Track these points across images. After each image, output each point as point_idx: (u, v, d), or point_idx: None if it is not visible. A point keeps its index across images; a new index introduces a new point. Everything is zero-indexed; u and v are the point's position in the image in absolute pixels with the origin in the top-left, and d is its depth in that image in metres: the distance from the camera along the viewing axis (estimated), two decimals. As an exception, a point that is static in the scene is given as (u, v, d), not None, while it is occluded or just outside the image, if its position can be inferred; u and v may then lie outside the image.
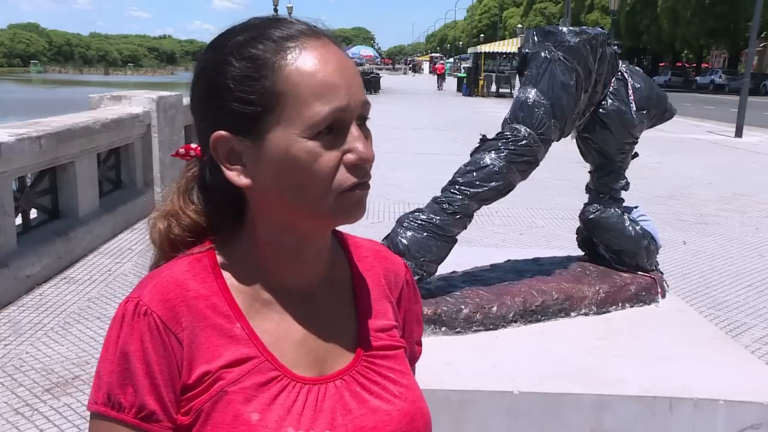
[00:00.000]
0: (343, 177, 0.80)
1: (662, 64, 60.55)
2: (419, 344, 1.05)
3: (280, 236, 0.85)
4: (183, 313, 0.81)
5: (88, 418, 0.83)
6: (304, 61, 0.78)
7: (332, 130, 0.79)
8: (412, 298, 1.02)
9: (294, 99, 0.78)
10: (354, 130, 0.80)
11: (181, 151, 0.90)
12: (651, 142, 11.54)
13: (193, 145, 0.89)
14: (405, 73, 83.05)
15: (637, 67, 2.79)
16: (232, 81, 0.79)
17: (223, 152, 0.82)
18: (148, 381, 0.79)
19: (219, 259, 0.86)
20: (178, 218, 0.88)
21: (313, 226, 0.85)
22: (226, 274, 0.85)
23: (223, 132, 0.81)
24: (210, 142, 0.82)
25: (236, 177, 0.82)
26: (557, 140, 2.58)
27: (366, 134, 0.82)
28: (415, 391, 0.91)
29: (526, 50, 2.56)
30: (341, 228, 0.91)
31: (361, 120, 0.82)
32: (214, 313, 0.82)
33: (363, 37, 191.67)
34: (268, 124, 0.79)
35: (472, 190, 2.41)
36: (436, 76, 42.06)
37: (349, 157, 0.79)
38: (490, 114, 18.65)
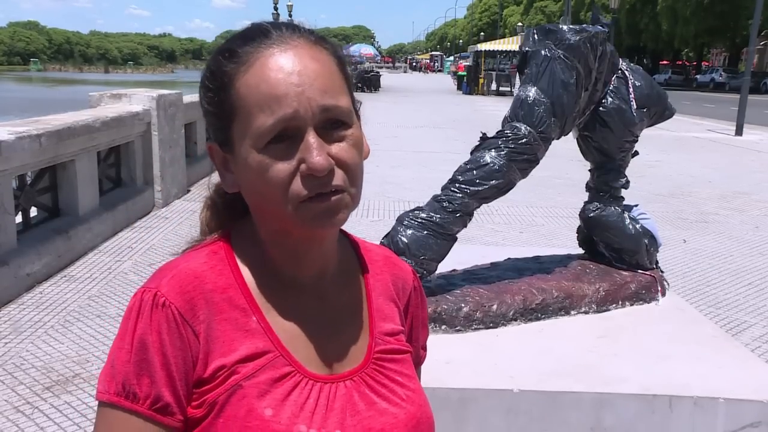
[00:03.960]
0: (298, 188, 0.78)
1: (663, 62, 60.52)
2: (424, 348, 1.06)
3: (277, 238, 0.86)
4: (200, 306, 0.81)
5: (89, 416, 0.82)
6: (253, 73, 0.79)
7: (284, 139, 0.78)
8: (420, 303, 1.03)
9: (244, 111, 0.80)
10: (310, 138, 0.78)
11: None
12: (651, 140, 11.55)
13: None
14: (405, 71, 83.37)
15: (637, 66, 2.78)
16: (203, 95, 0.85)
17: (219, 160, 0.87)
18: (164, 373, 0.78)
19: (235, 251, 0.87)
20: (210, 207, 0.94)
21: (299, 231, 0.84)
22: (242, 267, 0.86)
23: (212, 143, 0.86)
24: (207, 151, 0.89)
25: (225, 184, 0.87)
26: (557, 138, 2.58)
27: (337, 139, 0.80)
28: (421, 396, 0.92)
29: (527, 48, 2.56)
30: (351, 231, 0.92)
31: (336, 124, 0.80)
32: (230, 306, 0.83)
33: (363, 35, 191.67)
34: (233, 136, 0.82)
35: (472, 188, 2.41)
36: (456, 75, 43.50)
37: (302, 167, 0.78)
38: (490, 112, 18.65)
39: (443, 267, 2.50)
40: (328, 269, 0.90)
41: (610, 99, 2.64)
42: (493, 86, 31.21)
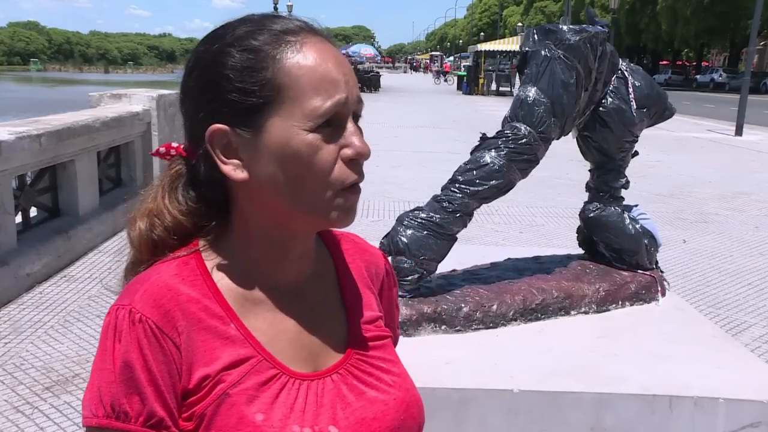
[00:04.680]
0: (344, 173, 0.80)
1: (663, 62, 60.52)
2: (398, 327, 1.10)
3: (269, 234, 0.84)
4: (178, 318, 0.79)
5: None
6: (304, 55, 0.79)
7: (330, 124, 0.79)
8: (392, 285, 1.05)
9: (295, 92, 0.78)
10: (350, 125, 0.81)
11: (161, 150, 0.88)
12: (651, 140, 11.54)
13: (174, 144, 0.87)
14: (405, 72, 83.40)
15: (637, 66, 2.78)
16: (232, 72, 0.79)
17: (220, 146, 0.80)
18: (152, 388, 0.77)
19: (206, 260, 0.85)
20: (162, 217, 0.86)
21: (304, 225, 0.84)
22: (216, 276, 0.84)
23: (220, 125, 0.79)
24: (206, 135, 0.80)
25: (233, 171, 0.80)
26: (557, 138, 2.58)
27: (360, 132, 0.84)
28: (407, 380, 0.93)
29: (527, 49, 2.56)
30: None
31: (355, 118, 0.83)
32: (207, 315, 0.81)
33: (363, 35, 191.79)
34: (267, 116, 0.78)
35: (472, 188, 2.41)
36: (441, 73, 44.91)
37: (347, 151, 0.80)
38: (490, 112, 18.64)
39: (443, 267, 2.50)
40: (306, 266, 0.90)
41: (610, 99, 2.64)
42: (493, 86, 31.21)
